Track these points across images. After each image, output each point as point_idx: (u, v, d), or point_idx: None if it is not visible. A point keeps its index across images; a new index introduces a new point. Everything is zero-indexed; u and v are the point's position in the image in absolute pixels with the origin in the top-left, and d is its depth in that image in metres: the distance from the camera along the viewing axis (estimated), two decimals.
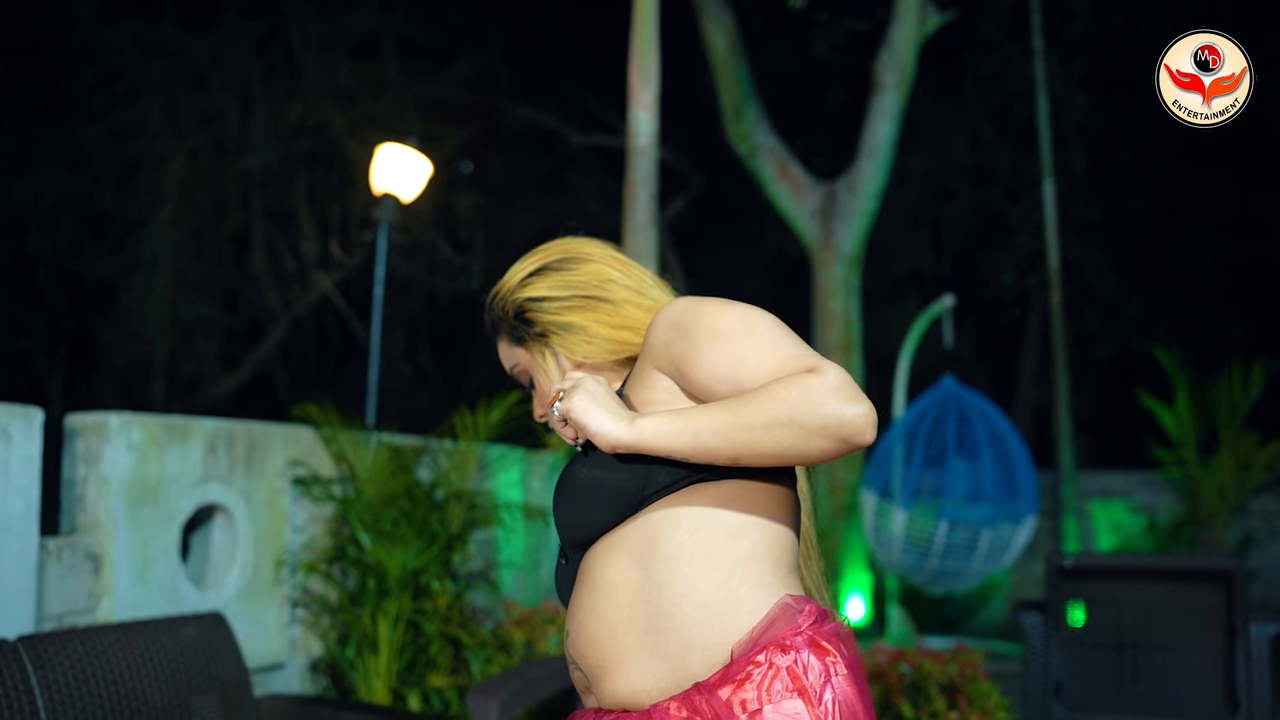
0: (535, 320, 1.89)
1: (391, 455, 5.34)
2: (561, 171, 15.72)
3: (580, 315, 1.88)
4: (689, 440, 1.57)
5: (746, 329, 1.65)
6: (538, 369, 1.92)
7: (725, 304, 1.71)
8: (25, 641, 3.33)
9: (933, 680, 4.87)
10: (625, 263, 1.92)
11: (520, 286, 1.92)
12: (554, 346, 1.89)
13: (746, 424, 1.54)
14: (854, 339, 10.24)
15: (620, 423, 1.62)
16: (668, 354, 1.70)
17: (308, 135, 12.87)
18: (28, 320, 12.75)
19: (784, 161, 10.45)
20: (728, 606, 1.62)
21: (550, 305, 1.88)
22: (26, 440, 3.85)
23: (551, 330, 1.88)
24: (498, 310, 1.96)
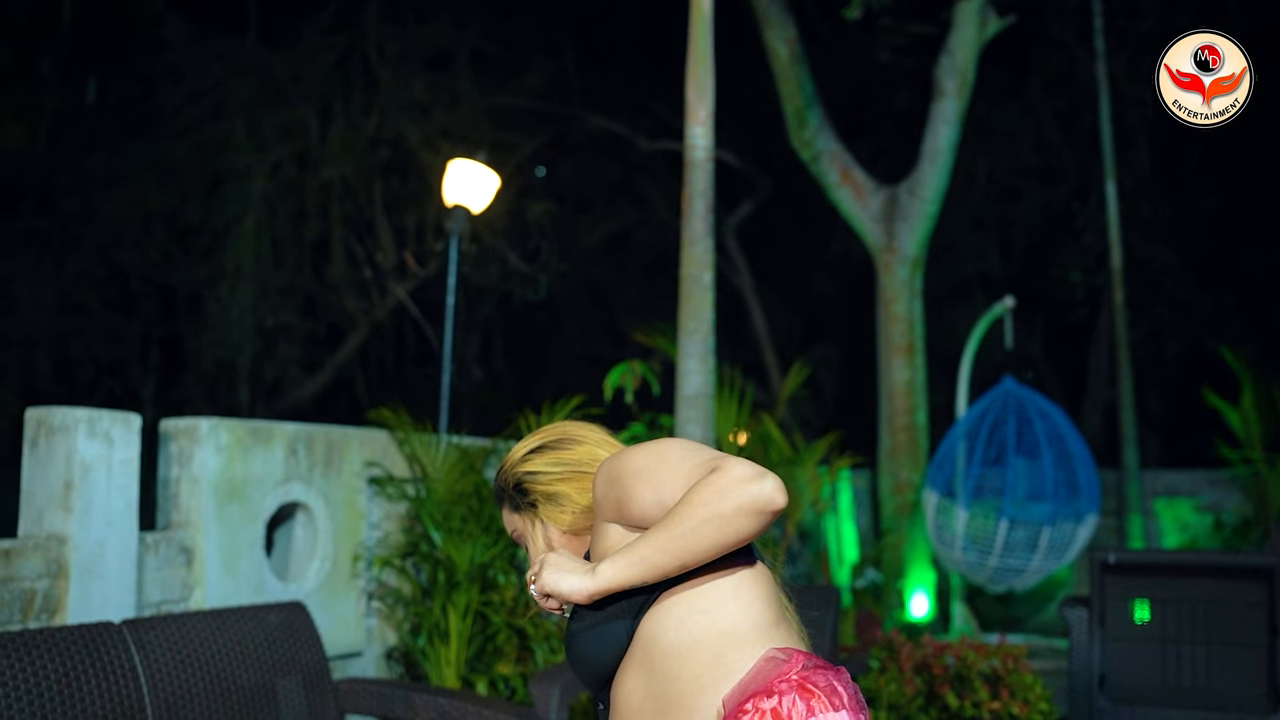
0: (530, 491, 2.19)
1: (460, 456, 5.65)
2: (631, 178, 16.00)
3: (567, 486, 2.16)
4: (640, 568, 1.88)
5: (657, 459, 1.94)
6: (528, 535, 2.22)
7: (637, 447, 2.00)
8: (129, 624, 3.69)
9: (976, 671, 5.07)
10: (614, 445, 2.19)
11: (520, 462, 2.21)
12: (542, 516, 2.18)
13: (678, 533, 1.83)
14: (917, 340, 10.40)
15: (584, 577, 1.92)
16: (609, 505, 1.99)
17: (384, 147, 13.29)
18: (123, 329, 13.32)
19: (846, 166, 10.64)
20: (719, 672, 1.88)
21: (543, 478, 2.17)
22: (126, 444, 4.21)
23: (541, 500, 2.18)
24: (501, 481, 2.25)
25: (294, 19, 13.54)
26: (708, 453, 1.92)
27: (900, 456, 10.26)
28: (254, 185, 12.59)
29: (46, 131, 13.53)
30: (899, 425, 10.29)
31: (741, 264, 15.37)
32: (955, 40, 10.32)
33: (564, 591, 1.93)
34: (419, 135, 13.22)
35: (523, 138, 14.56)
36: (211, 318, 12.63)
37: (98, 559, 4.07)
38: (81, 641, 3.47)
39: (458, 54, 13.91)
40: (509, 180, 14.17)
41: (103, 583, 4.08)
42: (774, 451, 8.10)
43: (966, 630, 9.58)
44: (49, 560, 3.96)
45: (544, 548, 2.19)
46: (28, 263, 12.84)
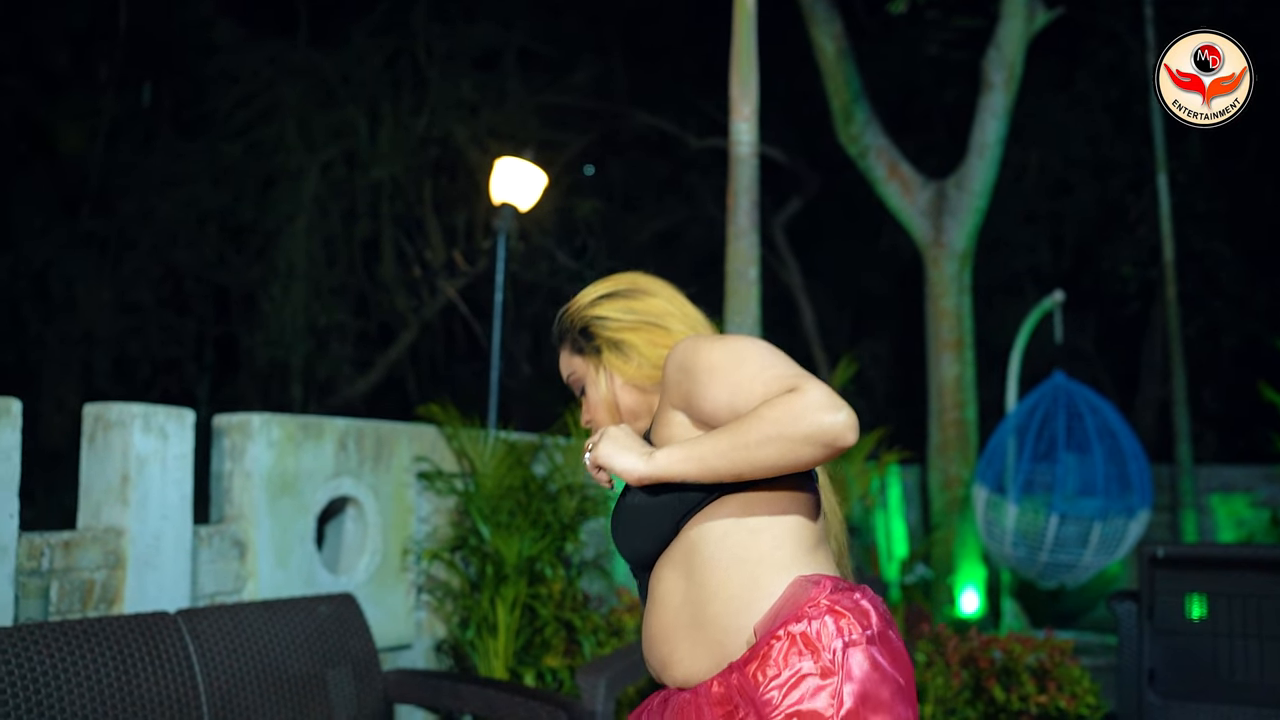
0: (596, 335, 2.18)
1: (508, 451, 5.71)
2: (681, 175, 16.03)
3: (635, 336, 2.16)
4: (696, 465, 1.87)
5: (737, 360, 1.93)
6: (590, 380, 2.21)
7: (718, 340, 1.98)
8: (184, 614, 3.77)
9: (1023, 665, 5.06)
10: (684, 303, 2.21)
11: (590, 306, 2.21)
12: (605, 363, 2.18)
13: (742, 444, 1.82)
14: (966, 335, 10.35)
15: (641, 459, 1.92)
16: (679, 393, 2.00)
17: (433, 146, 13.41)
18: (178, 328, 13.53)
19: (894, 161, 10.61)
20: (754, 595, 1.92)
21: (612, 324, 2.18)
22: (181, 439, 4.30)
23: (607, 346, 2.17)
24: (566, 322, 2.25)
25: (343, 20, 13.69)
26: (789, 366, 1.90)
27: (950, 452, 10.22)
28: (305, 185, 12.76)
29: (104, 135, 13.76)
30: (948, 420, 10.25)
31: (790, 260, 15.36)
32: (1003, 33, 10.26)
33: (618, 468, 1.93)
34: (467, 134, 13.33)
35: (571, 136, 14.63)
36: (265, 317, 12.82)
37: (154, 551, 4.16)
38: (138, 630, 3.56)
39: (505, 53, 14.00)
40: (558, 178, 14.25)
41: (158, 574, 4.17)
42: None
43: (1017, 626, 9.53)
44: (107, 552, 4.05)
45: (604, 394, 2.18)
46: (87, 263, 13.07)
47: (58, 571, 3.91)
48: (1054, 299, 10.01)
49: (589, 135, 14.95)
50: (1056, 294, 10.04)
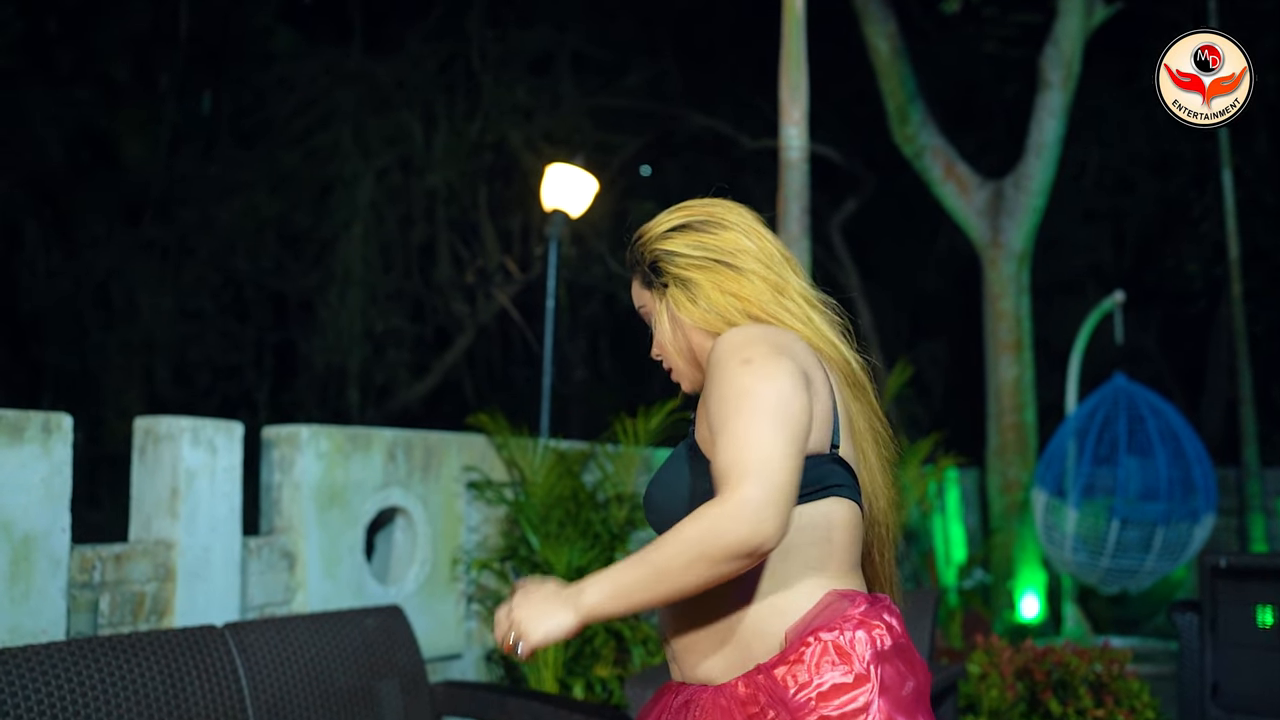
0: (664, 270, 2.06)
1: (558, 460, 5.70)
2: (735, 177, 15.95)
3: (703, 275, 2.03)
4: (623, 602, 1.78)
5: (734, 409, 1.81)
6: (656, 315, 2.10)
7: (741, 371, 1.85)
8: (231, 628, 3.79)
9: (1079, 677, 4.96)
10: (761, 234, 2.07)
11: (660, 238, 2.08)
12: (671, 300, 2.06)
13: (665, 572, 1.73)
14: (1024, 337, 10.21)
15: (565, 611, 1.80)
16: (706, 382, 1.92)
17: (487, 151, 13.45)
18: (237, 334, 13.69)
19: (950, 161, 10.49)
20: (788, 601, 1.89)
21: (680, 260, 2.04)
22: (229, 451, 4.32)
23: (675, 283, 2.05)
24: (637, 252, 2.12)
25: (398, 27, 13.78)
26: (760, 448, 1.76)
27: (1008, 455, 10.09)
28: (361, 192, 12.85)
29: (165, 144, 13.95)
30: (1007, 423, 10.11)
31: (847, 261, 15.23)
32: (1061, 29, 10.10)
33: (545, 635, 1.80)
34: (522, 138, 13.36)
35: (625, 139, 14.61)
36: (322, 323, 12.92)
37: (203, 563, 4.19)
38: (185, 644, 3.58)
39: (559, 57, 14.02)
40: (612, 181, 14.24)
41: (208, 586, 4.20)
42: None
43: (1078, 632, 9.38)
44: (157, 564, 4.09)
45: (669, 335, 2.09)
46: (148, 271, 13.26)
47: (109, 584, 3.95)
48: (1114, 299, 9.84)
49: (643, 138, 14.92)
50: (1117, 294, 9.87)
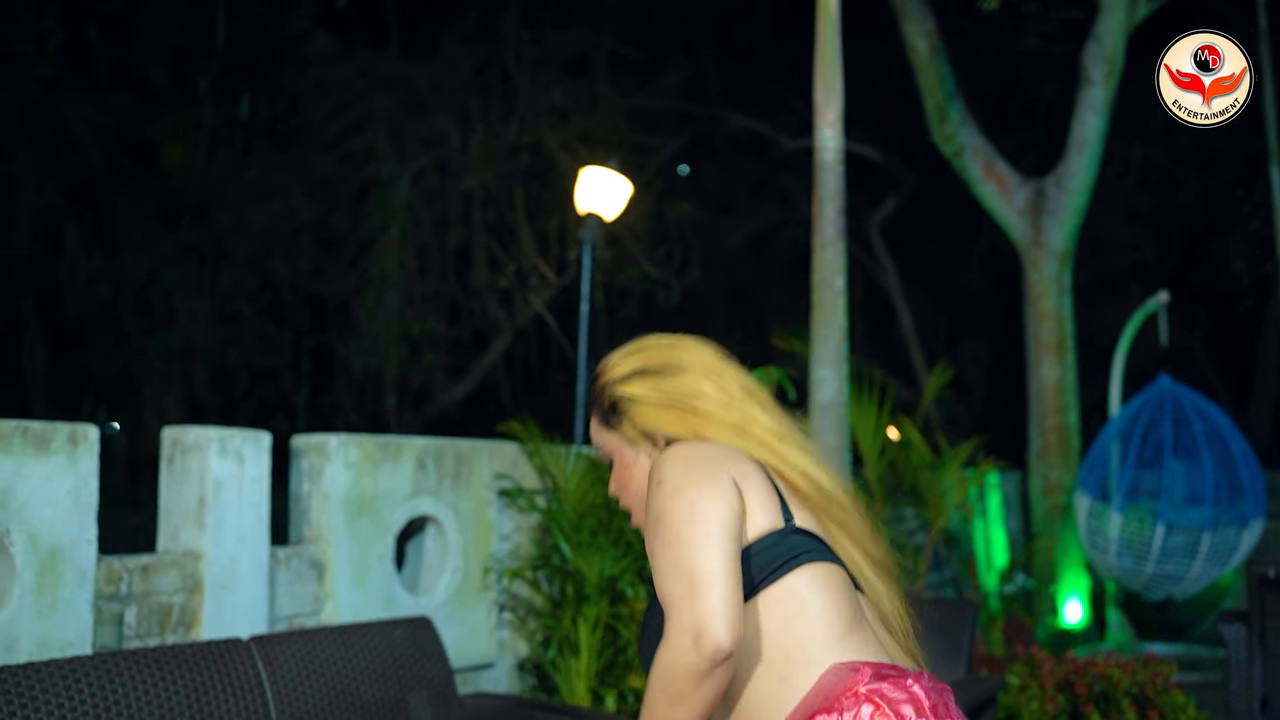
0: (624, 411, 2.08)
1: (590, 467, 5.64)
2: (774, 177, 15.85)
3: (666, 416, 2.04)
4: None
5: (654, 534, 1.84)
6: (619, 456, 2.12)
7: (656, 494, 1.87)
8: (256, 641, 3.75)
9: (1122, 690, 4.85)
10: (721, 374, 2.08)
11: (619, 382, 2.10)
12: (632, 439, 2.08)
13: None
14: (1066, 338, 10.06)
15: None
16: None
17: (524, 153, 13.42)
18: (275, 338, 13.73)
19: (990, 160, 10.35)
20: (785, 693, 1.82)
21: (641, 406, 2.06)
22: (257, 461, 4.29)
23: (635, 424, 2.07)
24: (596, 393, 2.16)
25: (433, 30, 13.78)
26: (688, 567, 1.76)
27: (1051, 458, 9.94)
28: (397, 195, 12.85)
29: (204, 149, 14.02)
30: (1049, 425, 9.97)
31: (887, 262, 15.11)
32: (1103, 25, 9.94)
33: None
34: (558, 140, 13.32)
35: (662, 140, 14.54)
36: (359, 326, 12.94)
37: (230, 574, 4.17)
38: (210, 658, 3.54)
39: (595, 58, 13.97)
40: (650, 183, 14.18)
41: (235, 597, 4.17)
42: (915, 456, 7.91)
43: (1122, 638, 9.22)
44: (184, 575, 4.06)
45: (630, 467, 2.09)
46: (187, 276, 13.33)
47: (136, 595, 3.93)
48: (1159, 299, 9.68)
49: (680, 139, 14.85)
50: (1161, 294, 9.70)
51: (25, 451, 3.56)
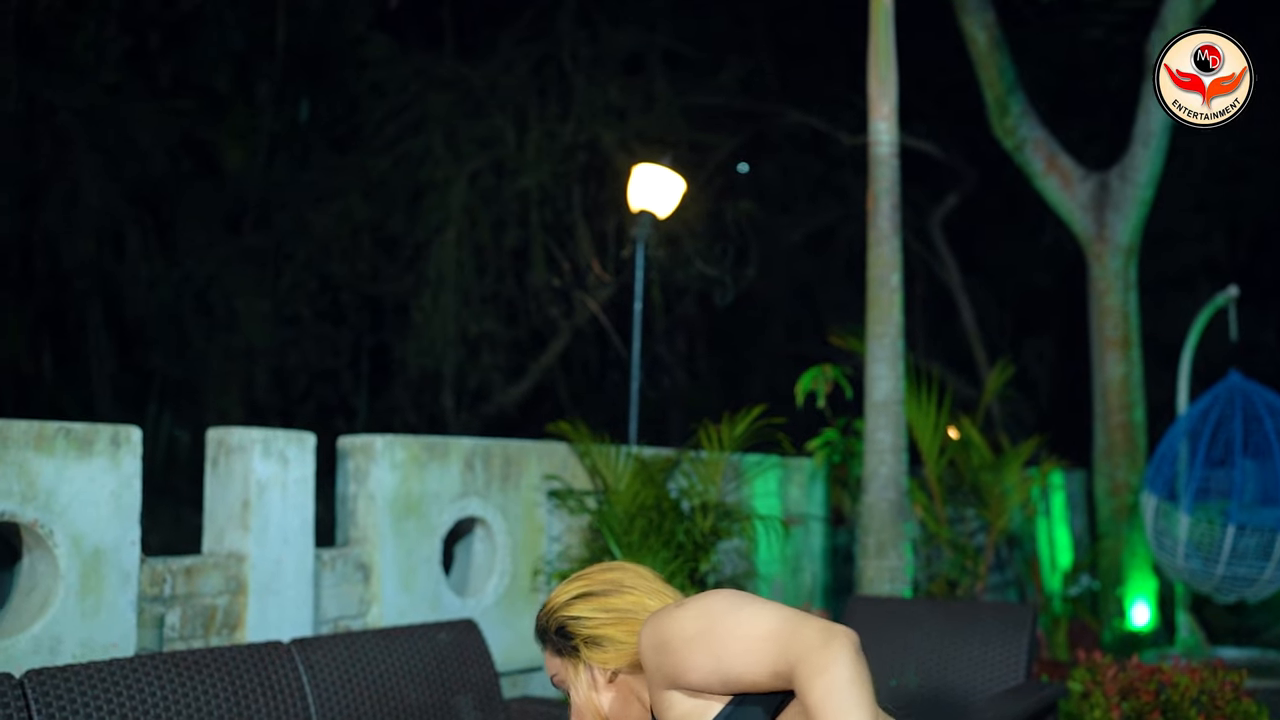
0: (573, 634, 2.12)
1: (641, 468, 5.57)
2: (833, 173, 15.70)
3: (613, 630, 2.09)
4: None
5: (709, 622, 1.88)
6: (571, 681, 2.15)
7: (683, 606, 1.93)
8: (297, 644, 3.72)
9: (1189, 699, 4.69)
10: (662, 593, 2.13)
11: (563, 606, 2.15)
12: (585, 658, 2.11)
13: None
14: (1132, 334, 9.84)
15: None
16: (662, 673, 1.93)
17: (581, 152, 13.39)
18: (334, 339, 13.82)
19: (1052, 153, 10.15)
20: None
21: (587, 623, 2.11)
22: (301, 463, 4.27)
23: (584, 644, 2.11)
24: (542, 623, 2.19)
25: (489, 31, 13.79)
26: (766, 615, 1.85)
27: (1116, 457, 9.72)
28: (454, 196, 12.87)
29: (264, 153, 14.14)
30: (1114, 424, 9.75)
31: (949, 258, 14.90)
32: (1169, 13, 9.69)
33: None
34: (614, 139, 13.27)
35: (720, 137, 14.45)
36: (417, 327, 12.97)
37: (275, 576, 4.15)
38: (251, 660, 3.52)
39: (651, 56, 13.91)
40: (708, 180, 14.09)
41: (280, 599, 4.15)
42: (975, 455, 7.76)
43: (1192, 642, 8.99)
44: (228, 577, 4.05)
45: (585, 695, 2.13)
46: (247, 278, 13.45)
47: (180, 598, 3.92)
48: (1228, 294, 9.42)
49: (739, 136, 14.75)
50: (1231, 288, 9.44)
51: (68, 453, 3.56)
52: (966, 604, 5.47)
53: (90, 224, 12.56)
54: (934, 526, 7.50)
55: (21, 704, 2.96)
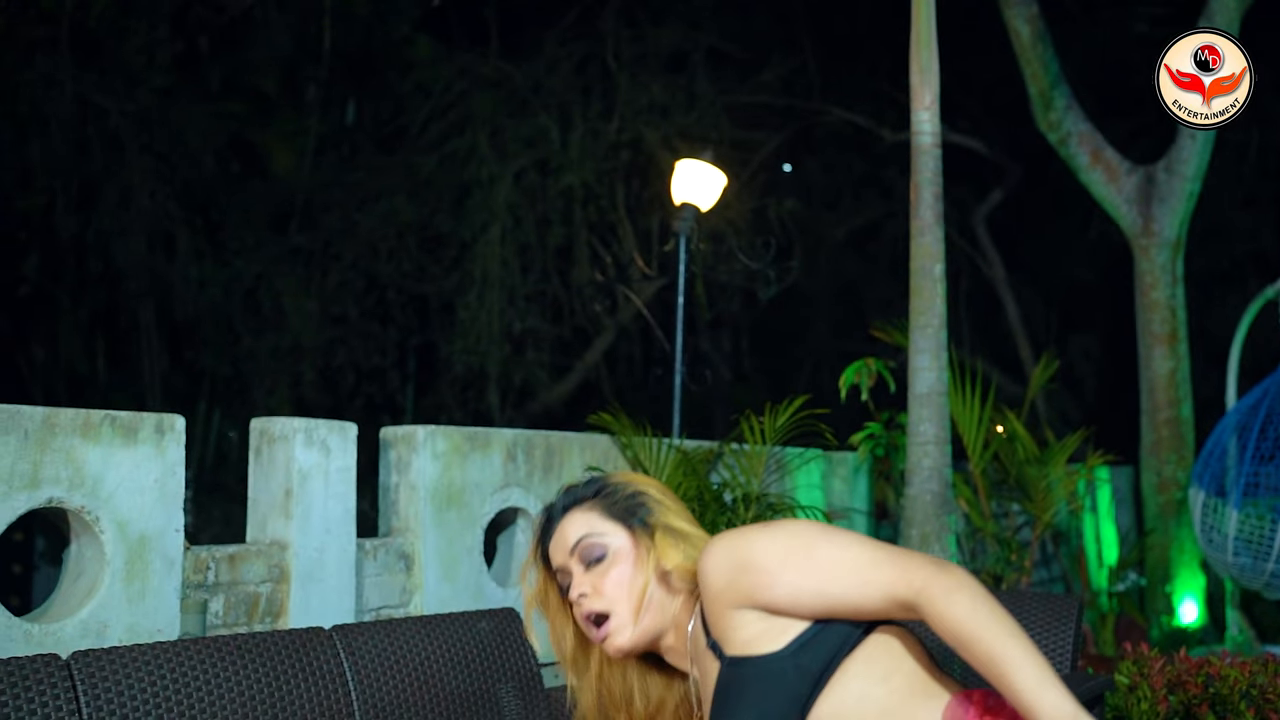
0: (651, 510, 2.04)
1: (682, 459, 5.59)
2: (877, 171, 15.66)
3: (690, 527, 2.04)
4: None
5: (805, 545, 1.84)
6: (621, 554, 2.04)
7: (769, 528, 1.89)
8: (339, 630, 3.77)
9: (1239, 692, 4.63)
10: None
11: (646, 486, 2.09)
12: (657, 544, 2.02)
13: (1024, 639, 1.72)
14: (1179, 328, 9.74)
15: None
16: (738, 593, 1.85)
17: (624, 150, 13.43)
18: (381, 337, 13.94)
19: (1097, 147, 10.06)
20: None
21: (671, 511, 2.06)
22: (343, 452, 4.32)
23: (661, 529, 2.03)
24: (608, 484, 2.11)
25: (533, 30, 13.87)
26: (862, 540, 1.85)
27: (1164, 452, 9.62)
28: (498, 194, 12.95)
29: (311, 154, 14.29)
30: (1161, 419, 9.65)
31: (993, 254, 14.81)
32: (1216, 5, 9.58)
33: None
34: (658, 137, 13.30)
35: (764, 135, 14.44)
36: (462, 325, 13.06)
37: (317, 565, 4.20)
38: (292, 647, 3.56)
39: (694, 54, 13.93)
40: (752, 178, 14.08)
41: (322, 588, 4.20)
42: (1019, 449, 7.70)
43: (1242, 639, 8.88)
44: (271, 565, 4.10)
45: (626, 575, 2.02)
46: (295, 277, 13.59)
47: (223, 585, 3.97)
48: (1277, 287, 9.30)
49: (782, 134, 14.74)
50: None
51: (113, 440, 3.62)
52: (1011, 595, 5.43)
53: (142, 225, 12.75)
54: (978, 520, 7.47)
55: (68, 684, 3.02)
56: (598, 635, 2.06)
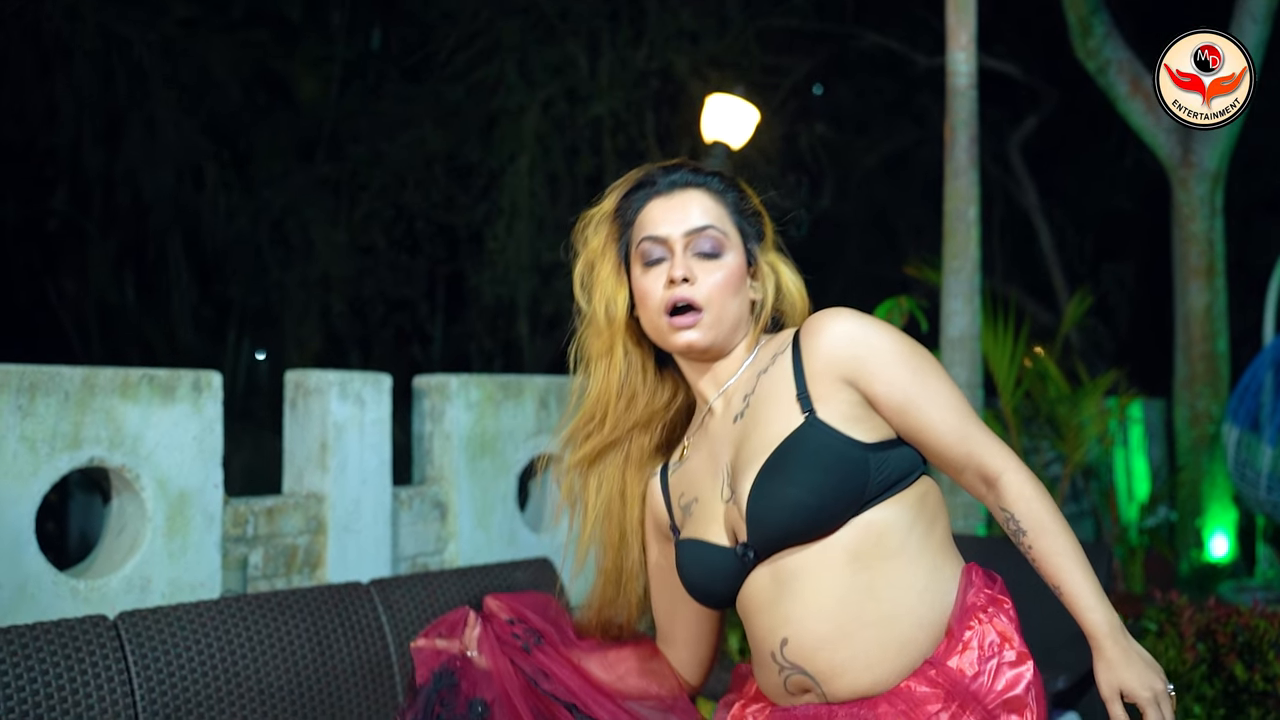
0: (765, 235, 2.12)
1: None
2: (910, 96, 15.43)
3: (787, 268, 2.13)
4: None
5: (926, 364, 1.93)
6: (734, 264, 2.04)
7: (893, 330, 1.94)
8: (376, 584, 3.81)
9: (1268, 641, 4.63)
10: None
11: (757, 202, 2.14)
12: (773, 264, 2.09)
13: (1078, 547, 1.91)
14: (1217, 261, 9.61)
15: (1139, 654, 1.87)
16: (849, 367, 1.90)
17: (654, 78, 13.27)
18: (409, 268, 13.93)
19: (1137, 76, 9.86)
20: (939, 586, 1.89)
21: (770, 241, 2.12)
22: (378, 404, 4.33)
23: (770, 258, 2.10)
24: (739, 187, 2.13)
25: None
26: (960, 407, 1.94)
27: (1198, 386, 9.55)
28: (527, 124, 12.84)
29: (337, 83, 14.19)
30: (1197, 354, 9.57)
31: (1027, 182, 14.62)
32: None
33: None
34: (688, 64, 13.13)
35: (795, 61, 14.23)
36: (491, 255, 13.02)
37: (354, 516, 4.23)
38: (331, 601, 3.60)
39: None
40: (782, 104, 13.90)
41: (359, 538, 4.24)
42: (1051, 388, 7.67)
43: (1271, 575, 8.88)
44: (308, 517, 4.14)
45: (735, 278, 2.03)
46: (323, 208, 13.57)
47: (261, 538, 4.01)
48: None
49: (814, 59, 14.51)
50: None
51: (152, 399, 3.64)
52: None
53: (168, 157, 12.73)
54: None
55: (116, 644, 3.07)
56: (677, 321, 2.01)
